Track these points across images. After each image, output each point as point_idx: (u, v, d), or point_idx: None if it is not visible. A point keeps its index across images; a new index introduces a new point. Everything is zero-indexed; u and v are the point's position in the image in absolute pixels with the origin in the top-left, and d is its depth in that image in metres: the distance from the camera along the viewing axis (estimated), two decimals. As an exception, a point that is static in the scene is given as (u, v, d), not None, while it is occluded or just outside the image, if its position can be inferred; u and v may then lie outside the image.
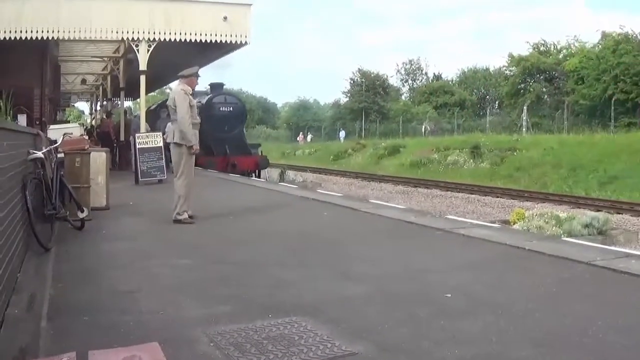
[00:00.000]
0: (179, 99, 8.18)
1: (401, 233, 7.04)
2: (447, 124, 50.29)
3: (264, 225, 7.78)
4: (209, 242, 6.64)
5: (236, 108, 21.26)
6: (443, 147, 32.96)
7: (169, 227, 7.76)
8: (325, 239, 6.74)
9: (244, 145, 20.98)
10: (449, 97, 59.55)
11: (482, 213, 16.63)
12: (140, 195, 11.88)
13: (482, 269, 5.15)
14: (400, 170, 31.89)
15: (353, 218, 8.35)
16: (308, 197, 10.79)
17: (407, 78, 72.10)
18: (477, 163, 28.60)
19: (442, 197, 20.58)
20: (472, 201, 19.23)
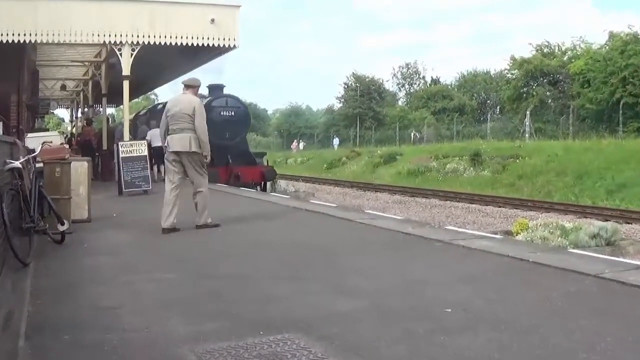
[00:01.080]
0: (200, 109, 8.58)
1: (398, 245, 7.06)
2: (445, 130, 50.48)
3: (255, 237, 7.78)
4: (197, 255, 6.64)
5: (239, 112, 20.37)
6: (442, 155, 33.06)
7: (155, 239, 7.76)
8: (318, 251, 6.74)
9: (247, 154, 20.42)
10: (448, 102, 59.81)
11: (483, 223, 16.67)
12: (124, 207, 11.86)
13: (484, 282, 5.16)
14: (397, 179, 31.95)
15: (348, 229, 8.36)
16: (301, 208, 10.80)
17: (404, 82, 72.39)
18: (478, 171, 28.70)
19: (441, 207, 20.62)
20: (473, 211, 19.28)
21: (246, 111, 21.12)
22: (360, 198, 24.55)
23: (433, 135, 48.56)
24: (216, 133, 19.65)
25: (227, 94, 20.56)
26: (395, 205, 21.68)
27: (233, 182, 18.41)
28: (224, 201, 12.52)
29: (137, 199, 13.57)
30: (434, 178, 29.93)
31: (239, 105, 20.66)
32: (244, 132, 20.99)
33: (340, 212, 10.19)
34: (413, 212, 19.34)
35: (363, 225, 8.51)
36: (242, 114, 20.60)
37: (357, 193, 26.75)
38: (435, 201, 22.19)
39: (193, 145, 8.49)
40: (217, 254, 6.70)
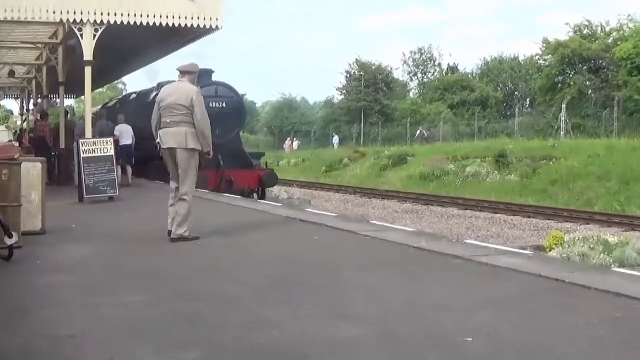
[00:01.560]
0: (198, 99, 8.68)
1: (409, 261, 7.07)
2: (465, 126, 50.59)
3: (240, 251, 7.80)
4: (171, 272, 6.65)
5: (231, 104, 20.01)
6: (461, 156, 33.14)
7: (122, 255, 7.77)
8: (315, 268, 6.76)
9: (242, 155, 20.28)
10: (468, 93, 60.00)
11: (510, 237, 16.70)
12: (86, 216, 11.88)
13: (510, 306, 5.17)
14: (408, 184, 32.00)
15: (350, 243, 8.39)
16: (294, 218, 10.83)
17: (416, 70, 72.64)
18: (504, 175, 28.77)
19: (460, 217, 20.69)
20: (497, 222, 19.32)
21: (240, 102, 20.73)
22: (364, 206, 24.56)
23: (450, 132, 48.68)
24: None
25: (217, 81, 20.11)
26: (406, 215, 21.69)
27: (224, 188, 18.31)
28: (203, 209, 12.52)
29: (101, 207, 13.57)
30: (452, 183, 29.98)
31: (232, 94, 20.24)
32: (238, 128, 20.65)
33: (341, 223, 10.22)
34: (426, 223, 19.35)
35: (368, 238, 8.54)
36: (236, 105, 20.22)
37: (360, 200, 26.77)
38: (453, 210, 22.23)
39: (190, 141, 8.62)
40: (195, 271, 6.71)
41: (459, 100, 59.32)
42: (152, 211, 12.57)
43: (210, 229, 9.30)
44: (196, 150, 8.67)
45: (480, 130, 47.42)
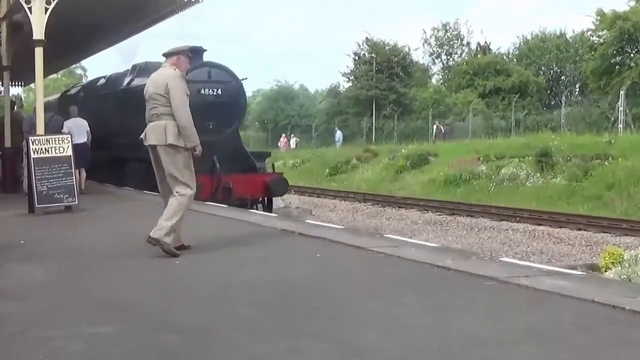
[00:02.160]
0: (173, 83, 8.88)
1: (432, 284, 7.07)
2: (500, 119, 50.56)
3: (227, 272, 7.80)
4: (143, 299, 6.65)
5: (229, 90, 19.65)
6: (494, 155, 33.08)
7: (83, 277, 7.77)
8: (317, 293, 6.75)
9: (243, 156, 20.10)
10: (504, 79, 60.08)
11: (556, 254, 16.68)
12: (38, 231, 11.89)
13: (557, 340, 5.16)
14: (430, 189, 31.99)
15: (360, 262, 8.40)
16: (293, 231, 10.85)
17: (440, 52, 72.74)
18: (547, 178, 28.72)
19: (494, 229, 20.70)
20: (540, 236, 19.32)
21: (240, 88, 20.33)
22: (377, 217, 24.54)
23: (482, 126, 48.64)
24: (194, 123, 19.25)
25: (210, 62, 19.77)
26: (428, 227, 21.67)
27: (221, 197, 18.17)
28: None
29: (57, 220, 13.58)
30: (483, 188, 29.94)
31: (229, 78, 19.90)
32: (238, 121, 20.55)
33: (349, 237, 10.22)
34: (453, 238, 19.34)
35: (382, 256, 8.55)
36: (234, 92, 19.97)
37: (373, 210, 26.76)
38: (486, 221, 22.24)
39: (170, 136, 8.83)
40: (172, 298, 6.70)
41: (492, 88, 59.37)
42: (121, 224, 12.60)
43: (192, 246, 9.31)
44: (179, 147, 8.85)
45: (519, 124, 47.40)
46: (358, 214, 25.91)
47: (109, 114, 22.61)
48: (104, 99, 23.85)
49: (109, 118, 22.43)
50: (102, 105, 23.46)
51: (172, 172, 8.87)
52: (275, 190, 19.47)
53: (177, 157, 8.88)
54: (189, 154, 8.97)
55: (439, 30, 72.82)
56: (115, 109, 22.48)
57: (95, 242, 10.52)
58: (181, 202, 8.81)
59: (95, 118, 21.84)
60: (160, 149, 8.89)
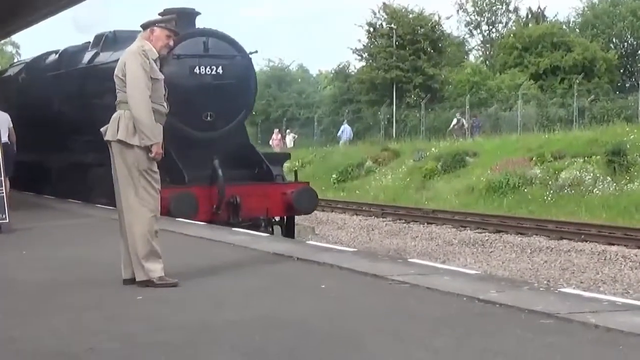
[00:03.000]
0: (130, 62, 8.86)
1: (471, 324, 7.07)
2: (559, 107, 50.45)
3: (205, 310, 7.80)
4: (96, 349, 6.67)
5: (234, 68, 18.61)
6: (552, 154, 33.07)
7: (13, 320, 7.77)
8: (322, 337, 6.76)
9: (253, 159, 19.18)
10: (563, 55, 59.91)
11: (634, 282, 16.69)
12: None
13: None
14: (468, 200, 32.04)
15: (377, 295, 8.41)
16: (290, 255, 10.86)
17: (480, 20, 72.66)
18: (621, 183, 28.67)
19: (552, 251, 20.75)
20: (613, 259, 19.37)
21: (248, 65, 19.32)
22: (400, 236, 24.56)
23: (535, 117, 48.56)
24: (184, 113, 17.26)
25: (207, 30, 18.84)
26: (466, 248, 21.69)
27: (226, 216, 17.39)
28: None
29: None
30: (538, 197, 29.92)
31: (234, 52, 18.86)
32: (246, 112, 19.46)
33: (363, 263, 10.22)
34: (498, 262, 19.36)
35: (406, 288, 8.56)
36: (241, 71, 18.93)
37: (394, 227, 26.77)
38: (541, 241, 22.29)
39: (121, 130, 8.79)
40: (131, 347, 6.70)
41: (548, 67, 59.28)
42: (63, 247, 12.60)
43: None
44: (133, 145, 8.79)
45: (583, 113, 47.33)
46: (375, 232, 25.93)
47: (64, 102, 22.11)
48: (56, 81, 22.96)
49: (64, 108, 22.00)
50: (54, 90, 22.82)
51: (125, 177, 8.86)
52: (299, 206, 18.25)
53: (129, 158, 8.82)
54: (146, 155, 8.87)
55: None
56: (72, 95, 21.75)
57: (28, 271, 10.51)
58: (139, 225, 8.80)
59: (44, 108, 21.82)
60: (113, 146, 8.90)
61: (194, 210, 16.66)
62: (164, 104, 9.15)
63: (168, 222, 15.88)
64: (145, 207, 8.85)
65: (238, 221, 17.14)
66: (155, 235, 8.90)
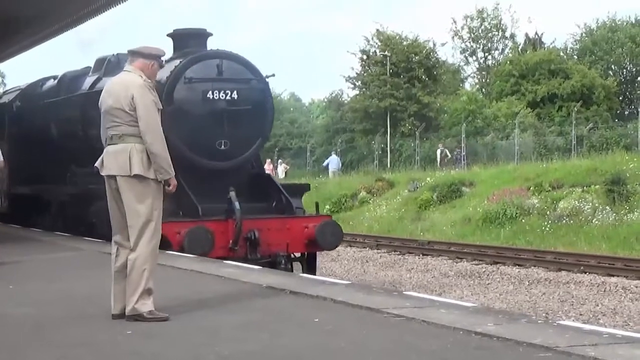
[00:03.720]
0: (142, 97, 8.84)
1: (468, 358, 7.08)
2: (556, 135, 50.54)
3: (196, 346, 7.78)
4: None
5: (249, 94, 17.91)
6: (550, 184, 33.14)
7: (1, 357, 7.76)
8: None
9: (271, 189, 18.45)
10: (561, 82, 60.04)
11: (634, 314, 16.70)
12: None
13: None
14: (465, 231, 32.11)
15: (372, 329, 8.40)
16: (283, 289, 10.86)
17: (475, 47, 72.84)
18: (621, 213, 28.70)
19: (551, 282, 20.82)
20: (613, 290, 19.44)
21: (265, 90, 18.55)
22: (395, 268, 24.57)
23: (532, 146, 48.65)
24: (196, 141, 17.21)
25: (221, 52, 18.16)
26: (462, 280, 21.71)
27: (243, 252, 16.52)
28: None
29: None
30: (536, 228, 29.96)
31: (249, 75, 18.14)
32: (262, 140, 18.69)
33: (358, 296, 10.22)
34: (495, 294, 19.38)
35: (401, 321, 8.56)
36: (257, 96, 18.22)
37: (389, 258, 26.79)
38: (539, 272, 22.37)
39: (136, 164, 8.78)
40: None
41: (546, 94, 59.44)
42: (50, 282, 12.60)
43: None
44: (149, 179, 8.83)
45: (581, 142, 47.42)
46: (369, 264, 25.94)
47: (64, 130, 21.53)
48: (55, 108, 22.06)
49: (64, 136, 21.32)
50: (52, 117, 22.09)
51: (138, 211, 8.83)
52: (323, 241, 17.25)
53: (145, 192, 8.85)
54: (159, 188, 8.94)
55: (474, 19, 73.09)
56: (73, 123, 20.95)
57: (15, 306, 10.49)
58: (143, 264, 8.82)
59: (42, 137, 21.38)
60: (122, 181, 8.84)
61: (210, 246, 15.99)
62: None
63: (161, 256, 15.90)
64: (153, 243, 8.92)
65: (256, 258, 16.33)
66: (154, 271, 8.96)
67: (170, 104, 16.81)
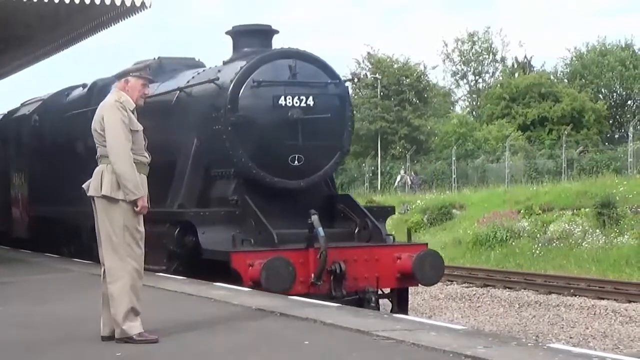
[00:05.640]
0: (108, 116, 8.90)
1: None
2: (547, 159, 50.61)
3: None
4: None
5: (327, 99, 15.69)
6: (540, 207, 33.17)
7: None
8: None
9: (355, 213, 15.75)
10: (551, 106, 60.14)
11: (624, 337, 16.72)
12: None
13: None
14: (455, 253, 32.14)
15: (362, 351, 8.41)
16: (272, 311, 10.87)
17: (466, 70, 72.98)
18: (611, 236, 28.72)
19: (541, 305, 20.85)
20: (603, 313, 19.47)
21: (344, 95, 16.33)
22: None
23: (522, 169, 48.73)
24: (265, 156, 15.15)
25: (293, 51, 15.87)
26: (453, 303, 21.70)
27: (327, 289, 14.06)
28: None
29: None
30: (526, 251, 29.98)
31: (326, 79, 15.82)
32: (340, 155, 16.29)
33: (347, 318, 10.23)
34: (485, 317, 19.38)
35: (391, 343, 8.57)
36: (336, 103, 15.96)
37: (379, 282, 26.76)
38: (529, 295, 22.41)
39: (105, 185, 8.85)
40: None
41: (536, 117, 59.54)
42: (44, 302, 12.59)
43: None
44: (118, 199, 8.84)
45: (572, 165, 47.51)
46: (359, 287, 25.93)
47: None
48: (85, 120, 17.26)
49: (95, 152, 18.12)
50: (80, 130, 18.26)
51: (108, 231, 8.88)
52: (422, 275, 14.57)
53: (115, 213, 8.87)
54: (132, 210, 8.92)
55: (464, 42, 73.28)
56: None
57: (4, 328, 10.43)
58: (119, 283, 8.83)
59: (68, 153, 19.31)
60: (96, 202, 8.93)
61: (291, 281, 13.45)
62: (145, 154, 9.15)
63: (146, 276, 15.85)
64: (129, 264, 8.90)
65: (341, 295, 13.99)
66: (138, 292, 8.95)
67: (235, 112, 15.00)
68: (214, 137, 15.15)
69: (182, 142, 15.89)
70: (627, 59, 64.67)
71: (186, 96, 16.10)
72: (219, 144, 15.02)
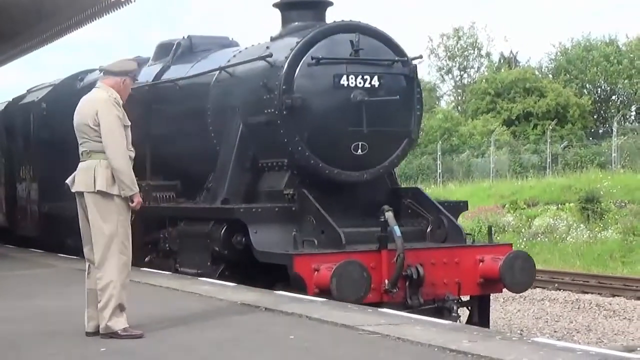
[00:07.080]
0: (104, 111, 8.90)
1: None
2: (531, 154, 50.64)
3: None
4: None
5: (394, 80, 13.93)
6: (525, 201, 33.17)
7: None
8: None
9: (426, 208, 14.00)
10: (536, 101, 60.13)
11: (608, 331, 16.74)
12: None
13: None
14: (442, 247, 31.98)
15: (347, 346, 8.40)
16: (258, 305, 10.85)
17: (451, 66, 72.95)
18: (595, 231, 28.75)
19: (525, 299, 20.89)
20: (587, 307, 19.56)
21: (412, 75, 14.14)
22: (371, 285, 24.54)
23: (507, 164, 48.76)
24: (325, 144, 13.49)
25: (353, 23, 14.01)
26: (438, 298, 21.72)
27: (401, 296, 12.40)
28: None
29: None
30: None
31: (392, 56, 14.08)
32: (408, 142, 14.32)
33: (333, 313, 10.21)
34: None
35: (377, 338, 8.55)
36: (403, 83, 14.08)
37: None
38: (515, 289, 22.30)
39: (99, 181, 8.83)
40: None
41: (521, 112, 59.53)
42: (29, 297, 12.56)
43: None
44: (112, 195, 8.85)
45: (556, 160, 47.54)
46: (345, 280, 25.90)
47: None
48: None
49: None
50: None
51: (102, 228, 8.85)
52: (512, 280, 12.79)
53: (109, 208, 8.87)
54: (125, 205, 8.94)
55: (449, 38, 73.25)
56: (133, 124, 16.67)
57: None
58: (110, 280, 8.82)
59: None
60: (87, 197, 8.89)
61: (367, 289, 11.85)
62: (132, 149, 9.16)
63: (137, 273, 15.80)
64: (121, 259, 8.91)
65: (419, 303, 12.40)
66: (126, 287, 8.97)
67: (290, 93, 13.16)
68: (264, 123, 13.44)
69: (224, 129, 14.29)
70: (612, 55, 64.61)
71: (229, 76, 14.49)
72: (270, 130, 13.33)
